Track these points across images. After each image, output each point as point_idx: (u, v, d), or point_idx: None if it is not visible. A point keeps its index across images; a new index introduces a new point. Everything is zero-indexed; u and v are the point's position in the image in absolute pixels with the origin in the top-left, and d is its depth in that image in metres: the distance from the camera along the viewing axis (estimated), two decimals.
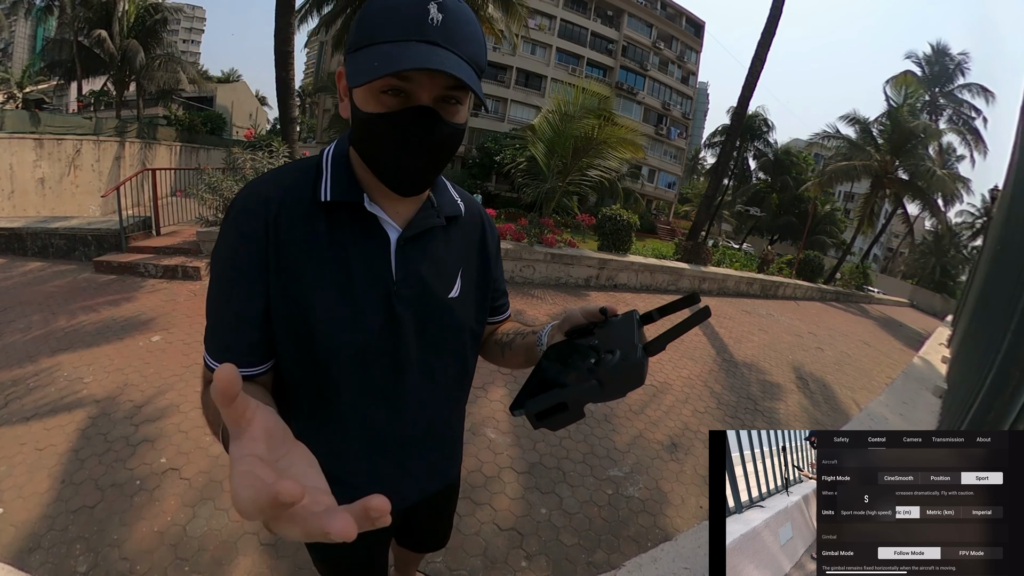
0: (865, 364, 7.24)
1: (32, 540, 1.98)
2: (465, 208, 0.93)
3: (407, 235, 0.81)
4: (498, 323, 1.10)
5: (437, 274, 0.85)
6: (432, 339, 0.87)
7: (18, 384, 3.12)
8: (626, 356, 0.61)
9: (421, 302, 0.83)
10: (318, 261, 0.76)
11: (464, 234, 0.93)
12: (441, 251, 0.87)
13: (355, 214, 0.77)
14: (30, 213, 10.87)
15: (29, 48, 49.85)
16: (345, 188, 0.77)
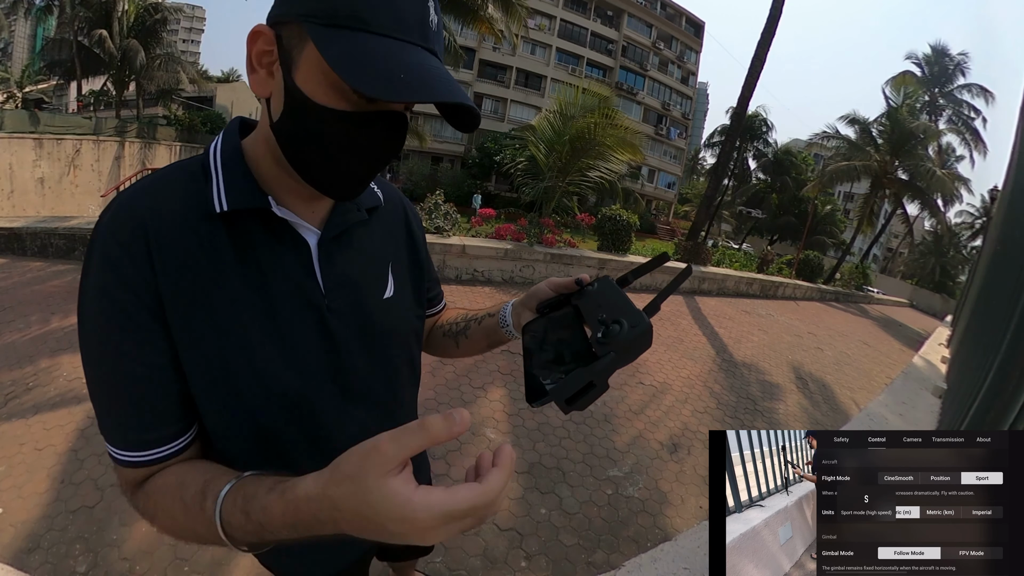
0: (865, 364, 7.24)
1: (31, 540, 1.97)
2: (384, 196, 0.82)
3: (328, 236, 0.68)
4: (437, 315, 1.00)
5: (368, 276, 0.75)
6: (376, 349, 0.76)
7: (17, 384, 3.12)
8: (635, 323, 0.61)
9: (357, 311, 0.72)
10: (224, 287, 0.61)
11: (387, 225, 0.82)
12: (368, 248, 0.76)
13: (261, 222, 0.63)
14: (29, 213, 10.88)
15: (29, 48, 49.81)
16: (245, 192, 0.61)
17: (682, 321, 7.14)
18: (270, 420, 0.66)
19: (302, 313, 0.66)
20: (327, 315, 0.68)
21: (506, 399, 3.57)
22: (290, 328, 0.65)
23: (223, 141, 0.66)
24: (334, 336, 0.69)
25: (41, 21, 24.66)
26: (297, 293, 0.65)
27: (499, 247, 7.25)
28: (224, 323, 0.61)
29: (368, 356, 0.75)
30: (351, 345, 0.71)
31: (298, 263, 0.66)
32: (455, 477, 2.64)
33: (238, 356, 0.62)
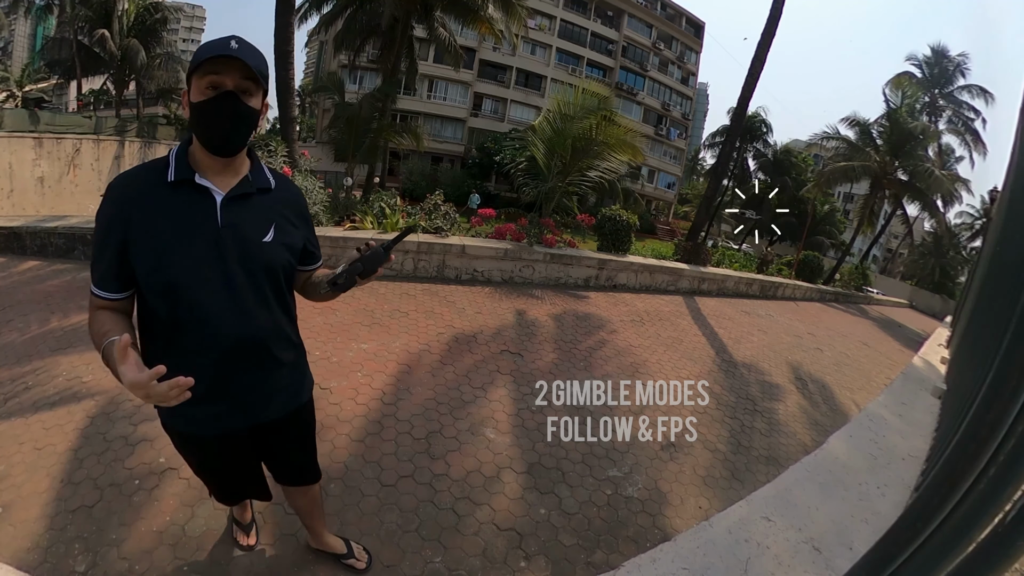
0: (864, 365, 7.24)
1: (31, 539, 1.97)
2: (277, 184, 1.35)
3: (229, 196, 1.21)
4: (311, 270, 1.50)
5: (252, 224, 1.25)
6: (253, 270, 1.24)
7: (16, 383, 3.12)
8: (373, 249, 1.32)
9: (240, 242, 1.21)
10: (167, 220, 1.15)
11: (276, 201, 1.33)
12: (256, 209, 1.26)
13: (192, 187, 1.18)
14: (29, 212, 10.87)
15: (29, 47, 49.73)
16: (183, 170, 1.17)
17: (681, 321, 7.14)
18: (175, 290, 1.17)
19: (203, 236, 1.18)
20: (219, 240, 1.19)
21: (506, 399, 3.57)
22: (192, 242, 1.16)
23: (178, 146, 1.24)
24: (223, 253, 1.19)
25: (41, 20, 24.69)
26: (204, 224, 1.18)
27: (499, 247, 7.25)
28: (160, 236, 1.15)
29: (245, 272, 1.23)
30: (233, 260, 1.21)
31: (209, 209, 1.19)
32: (454, 477, 2.65)
33: (164, 252, 1.15)
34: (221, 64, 1.09)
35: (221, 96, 1.11)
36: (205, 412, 1.29)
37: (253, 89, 1.15)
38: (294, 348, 1.45)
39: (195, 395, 1.11)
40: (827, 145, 23.76)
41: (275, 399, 1.41)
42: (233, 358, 1.26)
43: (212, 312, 1.19)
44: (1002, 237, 3.34)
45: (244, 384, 1.31)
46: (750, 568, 1.56)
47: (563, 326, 5.59)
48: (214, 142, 1.16)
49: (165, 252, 1.14)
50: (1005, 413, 0.99)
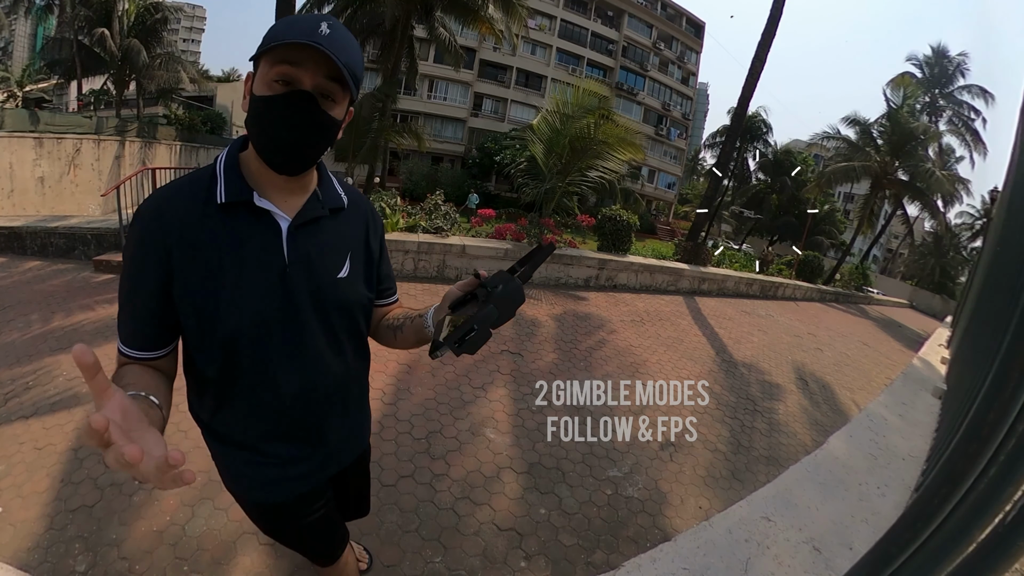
0: (864, 365, 7.24)
1: (31, 539, 1.97)
2: (350, 201, 1.07)
3: (296, 223, 0.95)
4: (387, 306, 1.22)
5: (326, 256, 1.00)
6: (326, 312, 1.01)
7: (17, 383, 3.12)
8: (507, 283, 0.85)
9: (313, 280, 0.97)
10: (218, 254, 0.88)
11: (350, 223, 1.07)
12: (329, 237, 1.01)
13: (249, 210, 0.91)
14: (29, 212, 10.87)
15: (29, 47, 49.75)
16: (237, 189, 0.90)
17: (682, 321, 7.14)
18: (235, 346, 0.93)
19: (267, 274, 0.92)
20: (287, 279, 0.94)
21: (506, 399, 3.57)
22: (258, 282, 0.92)
23: (227, 153, 0.96)
24: (292, 296, 0.95)
25: (41, 20, 24.69)
26: (267, 260, 0.92)
27: (499, 247, 7.25)
28: (213, 277, 0.89)
29: (317, 315, 1.00)
30: (303, 304, 0.97)
31: (271, 239, 0.93)
32: (454, 477, 2.65)
33: (220, 298, 0.89)
34: (300, 53, 0.82)
35: (292, 96, 0.83)
36: (279, 474, 1.09)
37: (337, 94, 0.87)
38: (364, 390, 1.27)
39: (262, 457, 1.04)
40: (827, 145, 23.76)
41: (348, 444, 1.23)
42: (302, 416, 1.06)
43: (279, 369, 0.98)
44: (1002, 237, 3.34)
45: (316, 440, 1.11)
46: (750, 568, 1.56)
47: (563, 326, 5.59)
48: (275, 157, 0.88)
49: (221, 298, 0.89)
50: (1005, 413, 0.99)
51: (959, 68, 27.59)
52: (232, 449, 1.06)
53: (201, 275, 0.88)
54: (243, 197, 0.90)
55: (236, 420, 1.03)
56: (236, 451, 1.06)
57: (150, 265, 0.87)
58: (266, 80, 0.84)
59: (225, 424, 1.04)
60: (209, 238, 0.88)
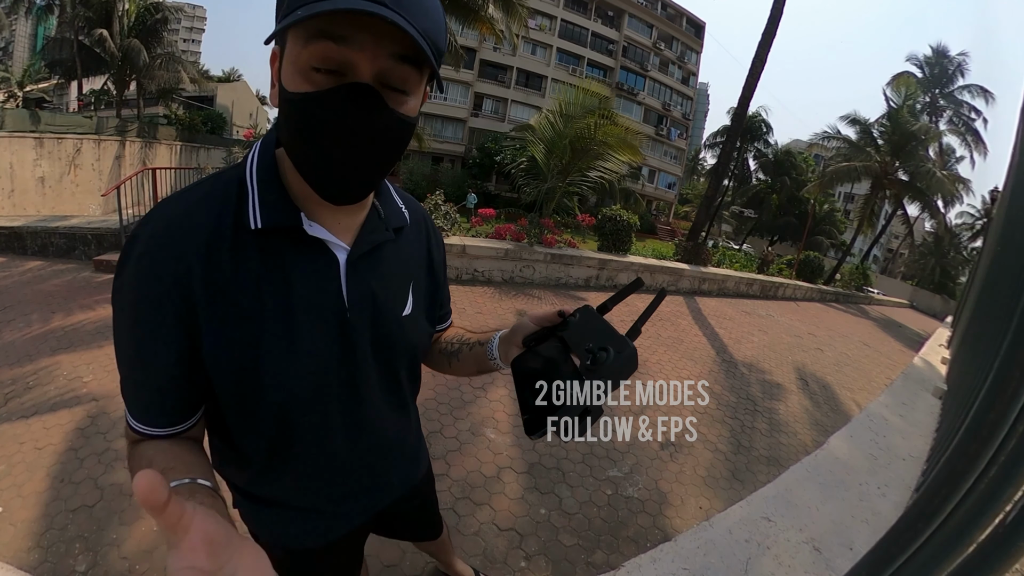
0: (865, 365, 7.24)
1: (31, 539, 1.97)
2: (410, 216, 0.85)
3: (356, 254, 0.71)
4: (442, 331, 1.02)
5: (390, 293, 0.78)
6: (389, 360, 0.81)
7: (17, 383, 3.12)
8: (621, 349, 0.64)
9: (375, 325, 0.76)
10: (257, 298, 0.64)
11: (411, 244, 0.85)
12: (392, 267, 0.79)
13: (294, 238, 0.66)
14: (30, 212, 10.87)
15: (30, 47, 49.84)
16: (278, 210, 0.64)
17: (682, 321, 7.14)
18: (283, 417, 0.72)
19: (324, 325, 0.70)
20: (347, 328, 0.72)
21: (506, 399, 3.57)
22: (310, 338, 0.69)
23: (259, 153, 0.68)
24: (353, 348, 0.73)
25: (42, 20, 24.69)
26: (322, 306, 0.69)
27: (499, 247, 7.25)
28: (253, 330, 0.65)
29: (379, 366, 0.79)
30: (365, 355, 0.76)
31: (326, 278, 0.69)
32: (454, 477, 2.65)
33: (264, 357, 0.66)
34: (350, 22, 0.52)
35: (344, 94, 0.54)
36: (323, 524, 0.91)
37: (412, 79, 0.58)
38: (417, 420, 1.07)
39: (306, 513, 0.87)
40: (828, 145, 23.75)
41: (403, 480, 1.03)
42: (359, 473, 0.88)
43: (337, 434, 0.79)
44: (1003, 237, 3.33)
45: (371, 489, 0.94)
46: (750, 568, 1.56)
47: None
48: (324, 185, 0.62)
49: (266, 360, 0.66)
50: (1006, 413, 0.99)
51: (959, 68, 27.60)
52: (269, 508, 0.87)
53: (236, 329, 0.64)
54: (288, 221, 0.64)
55: (280, 489, 0.84)
56: (274, 509, 0.87)
57: (165, 314, 0.61)
58: (299, 66, 0.55)
59: (265, 489, 0.84)
60: (243, 280, 0.63)
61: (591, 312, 0.73)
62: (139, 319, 0.62)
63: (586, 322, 0.71)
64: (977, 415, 1.31)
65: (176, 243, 0.61)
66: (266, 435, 0.74)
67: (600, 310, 0.74)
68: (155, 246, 0.61)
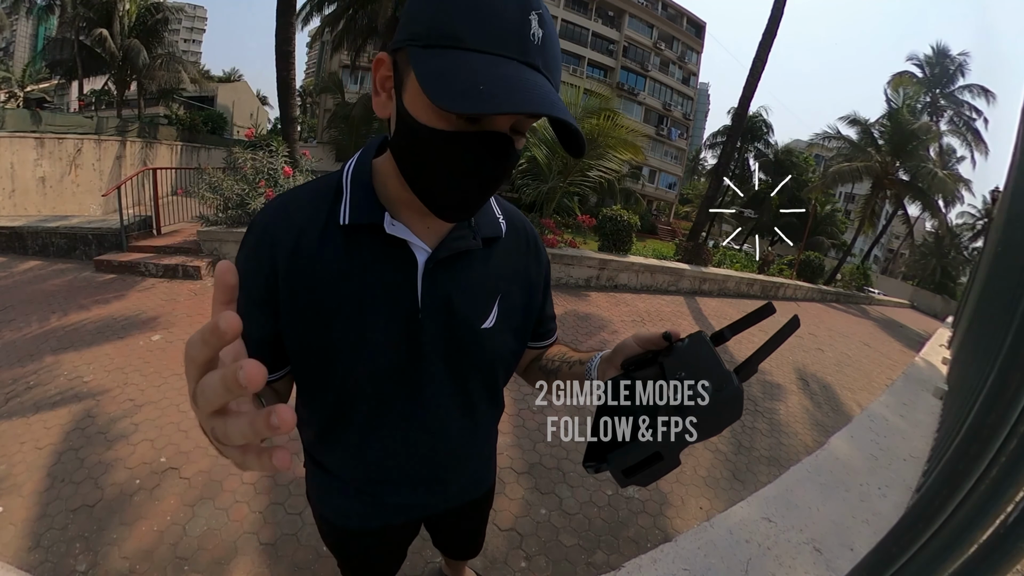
0: (866, 365, 7.24)
1: (32, 539, 1.98)
2: (508, 228, 0.85)
3: (437, 258, 0.73)
4: (543, 348, 0.99)
5: (470, 302, 0.78)
6: (461, 369, 0.81)
7: (18, 382, 3.13)
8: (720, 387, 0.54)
9: (449, 332, 0.77)
10: (336, 288, 0.71)
11: (506, 257, 0.84)
12: (477, 276, 0.79)
13: (378, 236, 0.70)
14: (31, 212, 10.87)
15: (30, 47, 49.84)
16: (365, 209, 0.70)
17: (683, 322, 7.14)
18: (342, 397, 0.78)
19: (393, 321, 0.73)
20: (416, 329, 0.74)
21: (508, 400, 3.57)
22: (380, 331, 0.73)
23: (357, 161, 0.76)
24: (421, 352, 0.76)
25: (43, 20, 24.73)
26: (393, 303, 0.73)
27: None
28: (328, 316, 0.71)
29: (448, 372, 0.80)
30: (434, 357, 0.78)
31: (403, 277, 0.73)
32: None
33: (334, 344, 0.72)
34: None
35: (485, 140, 0.59)
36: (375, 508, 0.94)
37: (528, 125, 0.64)
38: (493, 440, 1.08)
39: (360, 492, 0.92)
40: (828, 145, 23.74)
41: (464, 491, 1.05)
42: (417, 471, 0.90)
43: (397, 428, 0.83)
44: (1004, 237, 3.33)
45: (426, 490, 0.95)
46: (751, 569, 1.55)
47: (564, 326, 5.59)
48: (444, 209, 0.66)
49: (334, 344, 0.72)
50: (1007, 414, 0.99)
51: (960, 67, 27.59)
52: (327, 476, 0.93)
53: (311, 311, 0.71)
54: (372, 219, 0.70)
55: (340, 461, 0.89)
56: (331, 479, 0.92)
57: (258, 283, 0.71)
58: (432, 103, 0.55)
59: (326, 456, 0.91)
60: (325, 267, 0.70)
61: (702, 338, 0.62)
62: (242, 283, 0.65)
63: (692, 349, 0.60)
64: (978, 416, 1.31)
65: (277, 228, 0.71)
66: (327, 407, 0.80)
67: (715, 338, 0.63)
68: (260, 229, 0.72)
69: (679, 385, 0.56)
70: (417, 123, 0.59)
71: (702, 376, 0.55)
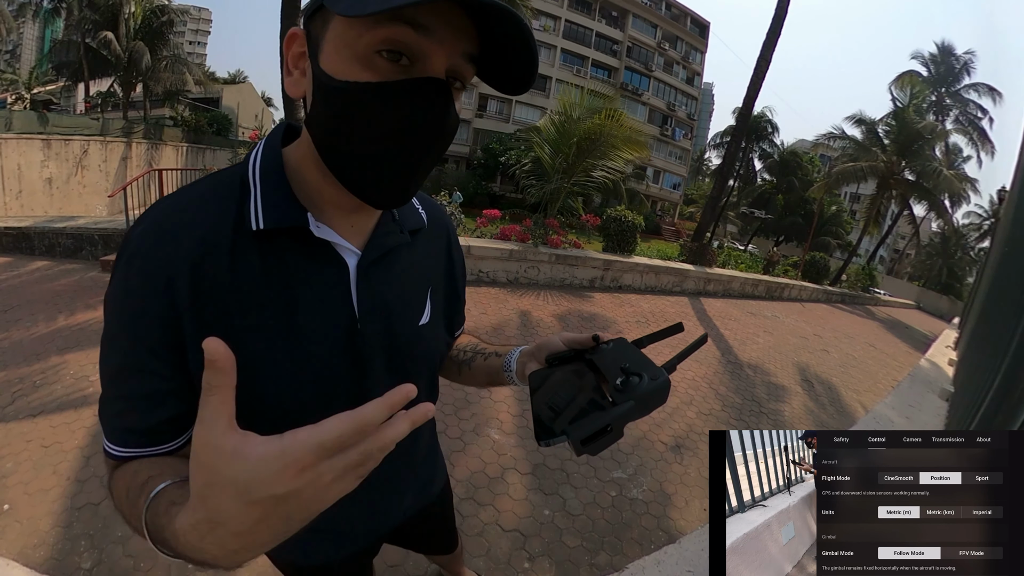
0: (871, 366, 7.20)
1: (37, 536, 1.99)
2: (428, 216, 0.80)
3: (368, 259, 0.66)
4: (456, 337, 0.96)
5: (405, 300, 0.73)
6: (402, 372, 0.74)
7: (24, 381, 3.14)
8: (655, 377, 0.64)
9: (389, 336, 0.70)
10: (257, 307, 0.59)
11: (428, 247, 0.80)
12: (408, 272, 0.73)
13: (300, 240, 0.60)
14: (37, 212, 10.95)
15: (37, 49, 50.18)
16: (282, 209, 0.58)
17: (687, 323, 7.10)
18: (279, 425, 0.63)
19: (331, 336, 0.64)
20: (358, 340, 0.66)
21: (511, 400, 3.57)
22: (315, 350, 0.63)
23: (263, 151, 0.63)
24: (363, 362, 0.68)
25: (49, 23, 24.90)
26: (329, 317, 0.64)
27: (504, 248, 7.25)
28: (252, 342, 0.59)
29: (393, 380, 0.69)
30: (377, 369, 0.70)
31: (334, 286, 0.64)
32: (458, 478, 2.65)
33: (264, 372, 0.60)
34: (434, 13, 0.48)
35: (419, 87, 0.51)
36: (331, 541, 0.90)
37: (468, 76, 0.56)
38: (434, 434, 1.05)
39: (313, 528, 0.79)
40: (833, 145, 23.64)
41: (416, 498, 1.01)
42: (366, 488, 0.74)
43: None
44: (1011, 237, 3.32)
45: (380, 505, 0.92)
46: None
47: (568, 327, 5.59)
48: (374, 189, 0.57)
49: (263, 375, 0.60)
50: (1013, 416, 0.98)
51: (966, 66, 27.43)
52: None
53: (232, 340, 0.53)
54: (292, 221, 0.58)
55: None
56: None
57: (152, 327, 0.55)
58: (358, 51, 0.49)
59: None
60: (239, 285, 0.57)
61: (625, 343, 0.72)
62: (126, 326, 0.56)
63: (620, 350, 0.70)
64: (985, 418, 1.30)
65: (166, 245, 0.55)
66: None
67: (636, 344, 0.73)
68: (144, 248, 0.55)
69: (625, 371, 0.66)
70: (336, 82, 0.50)
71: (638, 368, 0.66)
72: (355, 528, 0.90)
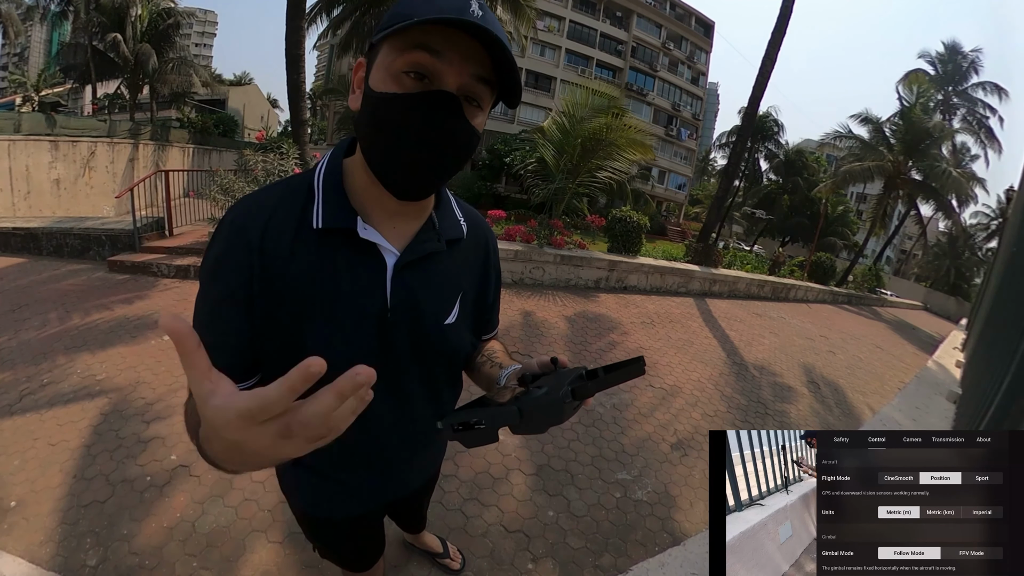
0: (877, 368, 7.15)
1: (43, 533, 2.00)
2: (469, 228, 0.91)
3: (404, 261, 0.78)
4: (484, 340, 1.06)
5: (434, 300, 0.84)
6: (427, 363, 0.88)
7: (32, 380, 3.17)
8: (549, 392, 0.65)
9: (415, 329, 0.82)
10: (308, 290, 0.73)
11: (466, 256, 0.91)
12: (441, 276, 0.85)
13: (349, 239, 0.74)
14: (46, 213, 11.02)
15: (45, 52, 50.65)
16: (337, 213, 0.73)
17: (692, 324, 7.10)
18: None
19: (364, 321, 0.77)
20: (386, 327, 0.79)
21: None
22: (352, 330, 0.76)
23: (327, 162, 0.79)
24: (391, 346, 0.80)
25: (57, 26, 25.07)
26: (364, 304, 0.76)
27: (509, 249, 7.25)
28: (300, 318, 0.73)
29: (416, 365, 0.86)
30: (403, 356, 0.83)
31: (373, 278, 0.76)
32: (463, 478, 2.65)
33: (305, 343, 0.74)
34: (446, 38, 0.62)
35: (431, 98, 0.64)
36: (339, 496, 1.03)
37: (484, 98, 0.69)
38: None
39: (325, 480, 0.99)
40: (840, 145, 23.49)
41: (419, 474, 1.16)
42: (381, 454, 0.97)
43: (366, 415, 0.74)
44: (1019, 237, 3.29)
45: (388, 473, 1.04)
46: None
47: (573, 327, 5.58)
48: (397, 179, 0.70)
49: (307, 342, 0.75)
50: (1021, 418, 0.98)
51: (973, 64, 27.21)
52: (298, 467, 1.00)
53: (285, 312, 0.73)
54: (343, 224, 0.73)
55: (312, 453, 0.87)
56: (299, 469, 1.00)
57: (241, 280, 0.71)
58: (392, 71, 0.64)
59: None
60: (298, 270, 0.72)
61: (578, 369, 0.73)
62: (216, 281, 0.72)
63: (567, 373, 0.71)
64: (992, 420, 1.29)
65: (248, 228, 0.71)
66: None
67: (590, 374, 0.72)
68: (232, 229, 0.72)
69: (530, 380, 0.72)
70: (375, 93, 0.66)
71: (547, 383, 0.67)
72: (362, 487, 1.02)
